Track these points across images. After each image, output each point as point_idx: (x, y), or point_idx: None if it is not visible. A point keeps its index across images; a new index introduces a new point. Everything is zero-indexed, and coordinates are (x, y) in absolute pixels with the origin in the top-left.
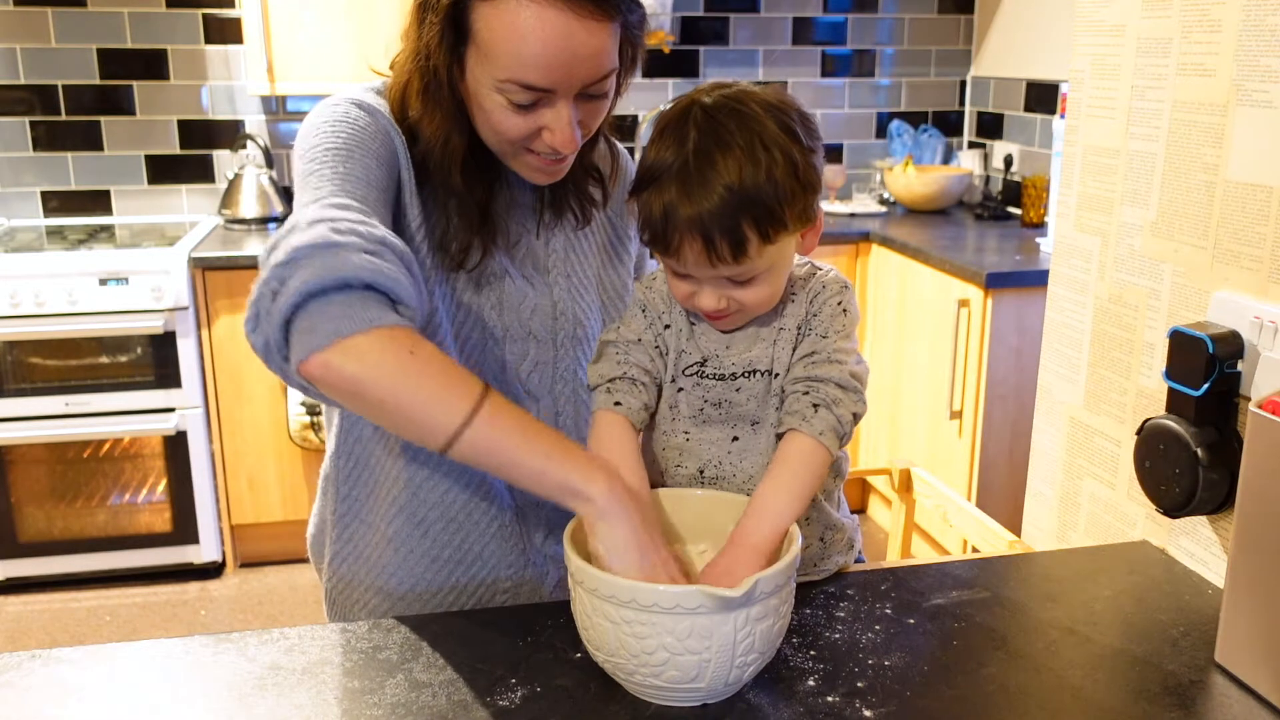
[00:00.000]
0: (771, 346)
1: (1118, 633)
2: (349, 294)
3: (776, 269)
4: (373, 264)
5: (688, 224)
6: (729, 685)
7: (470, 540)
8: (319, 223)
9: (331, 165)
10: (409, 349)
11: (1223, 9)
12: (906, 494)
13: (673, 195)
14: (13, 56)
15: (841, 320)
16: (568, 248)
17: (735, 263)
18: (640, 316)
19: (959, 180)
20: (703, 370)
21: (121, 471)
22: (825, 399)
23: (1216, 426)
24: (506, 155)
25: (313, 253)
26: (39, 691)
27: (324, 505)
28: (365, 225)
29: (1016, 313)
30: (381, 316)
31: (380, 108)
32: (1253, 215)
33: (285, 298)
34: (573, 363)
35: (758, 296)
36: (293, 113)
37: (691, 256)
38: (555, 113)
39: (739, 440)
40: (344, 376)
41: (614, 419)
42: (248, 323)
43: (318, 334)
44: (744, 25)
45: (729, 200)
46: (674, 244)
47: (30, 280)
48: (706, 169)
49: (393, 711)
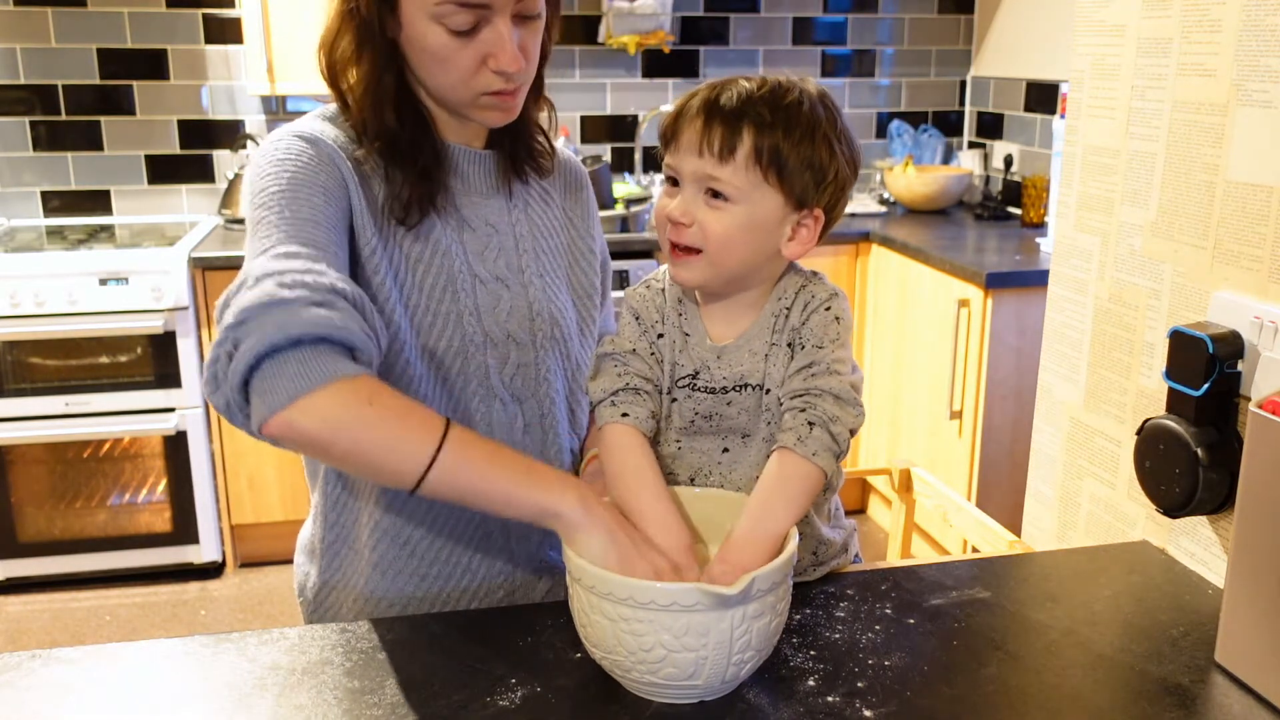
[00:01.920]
0: (763, 361)
1: (1117, 633)
2: (302, 350)
3: (747, 216)
4: (323, 317)
5: (697, 109)
6: (726, 683)
7: (456, 554)
8: (266, 278)
9: (277, 210)
10: (367, 399)
11: (1223, 9)
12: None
13: (701, 93)
14: (13, 56)
15: (835, 328)
16: (537, 248)
17: (719, 159)
18: (634, 324)
19: (959, 180)
20: (694, 383)
21: (121, 471)
22: (822, 417)
23: (1216, 426)
24: (460, 102)
25: (262, 312)
26: (39, 691)
27: (313, 533)
28: (313, 274)
29: (1016, 313)
30: (337, 369)
31: (325, 134)
32: (1253, 215)
33: (240, 360)
34: (553, 364)
35: (719, 226)
36: (292, 112)
37: (686, 137)
38: (495, 32)
39: (729, 452)
40: (306, 434)
41: (623, 430)
42: (206, 384)
43: (277, 394)
44: (744, 25)
45: (743, 102)
46: (678, 129)
47: (30, 280)
48: (737, 85)
49: (393, 711)
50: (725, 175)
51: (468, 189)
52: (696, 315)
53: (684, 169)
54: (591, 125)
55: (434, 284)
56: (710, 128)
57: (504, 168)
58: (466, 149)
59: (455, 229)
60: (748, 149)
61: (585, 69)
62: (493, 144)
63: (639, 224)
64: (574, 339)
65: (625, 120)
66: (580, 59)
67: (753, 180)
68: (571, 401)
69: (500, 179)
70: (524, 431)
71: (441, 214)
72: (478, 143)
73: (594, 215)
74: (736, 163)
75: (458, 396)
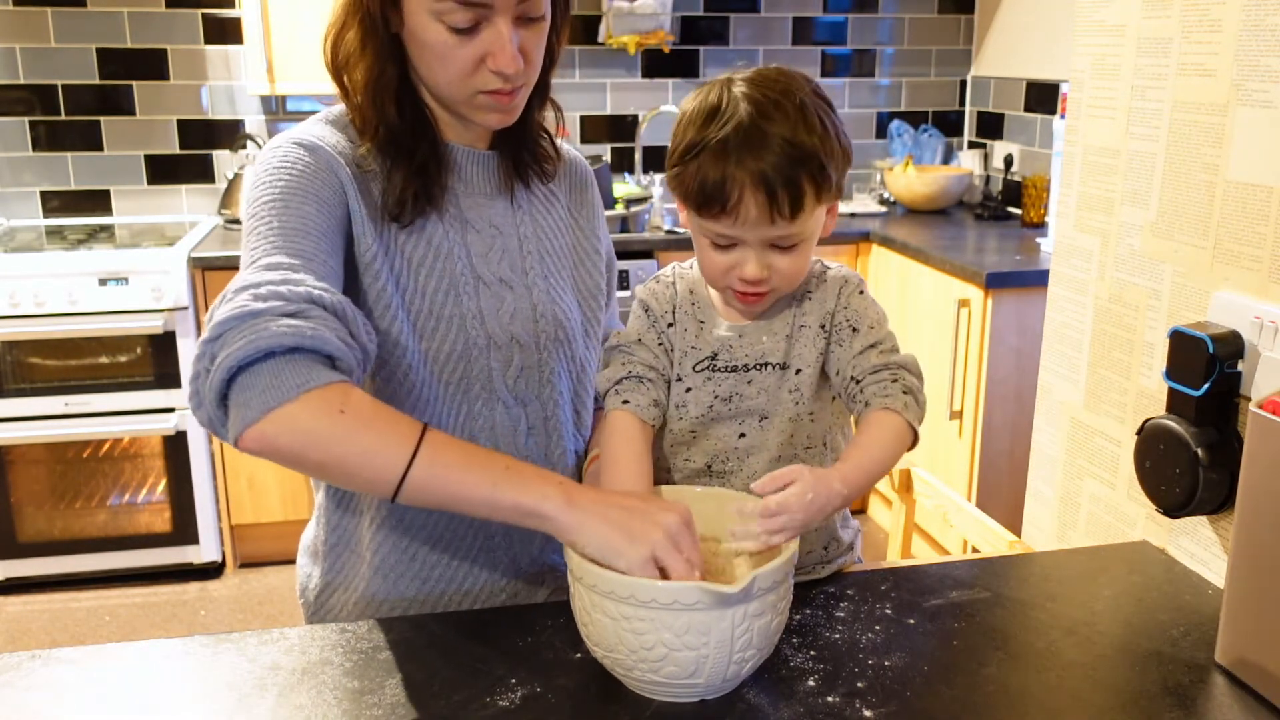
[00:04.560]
0: (785, 341)
1: (1118, 633)
2: (275, 361)
3: (812, 239)
4: (294, 326)
5: (751, 179)
6: (727, 681)
7: (458, 558)
8: (243, 291)
9: (267, 221)
10: (339, 408)
11: (1223, 9)
12: (906, 494)
13: (732, 155)
14: (13, 56)
15: (876, 309)
16: (542, 249)
17: (792, 219)
18: (643, 317)
19: (959, 180)
20: (714, 364)
21: (121, 471)
22: (912, 386)
23: (1216, 426)
24: (457, 100)
25: (235, 325)
26: (39, 691)
27: (315, 535)
28: (288, 285)
29: (1016, 313)
30: (309, 379)
31: (325, 139)
32: (1253, 215)
33: (215, 374)
34: (557, 366)
35: (795, 265)
36: (293, 113)
37: (753, 212)
38: (494, 32)
39: (746, 436)
40: (280, 446)
41: (621, 416)
42: (190, 399)
43: (250, 408)
44: (744, 25)
45: (790, 154)
46: (733, 201)
47: (30, 280)
48: (766, 127)
49: (393, 711)
50: (798, 227)
51: (471, 190)
52: (709, 302)
53: (750, 237)
54: (591, 125)
55: (436, 287)
56: (775, 197)
57: (507, 169)
58: (469, 149)
59: (458, 231)
60: (811, 195)
61: (585, 69)
62: (496, 146)
63: (639, 224)
64: (579, 340)
65: (625, 120)
66: (580, 59)
67: (817, 213)
68: (576, 403)
69: (504, 180)
70: (528, 434)
71: (444, 216)
72: (481, 144)
73: (599, 214)
74: (807, 209)
75: (461, 400)
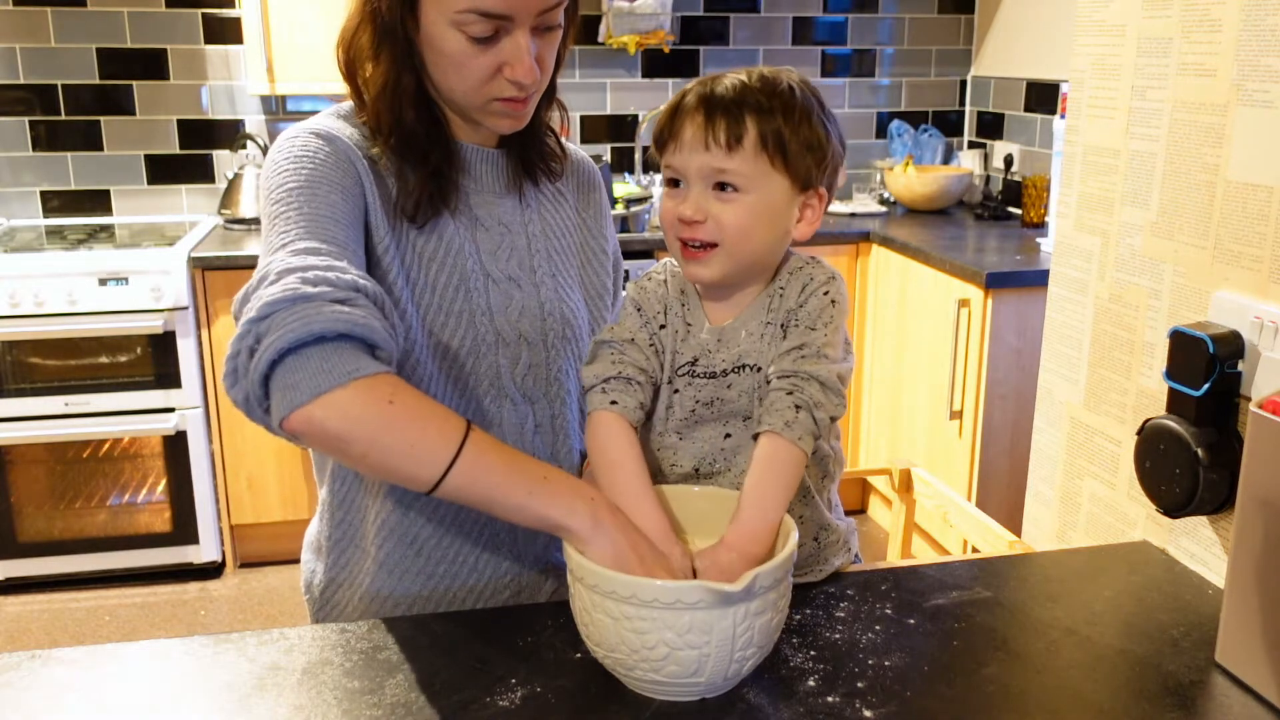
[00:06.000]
0: (759, 341)
1: (1118, 633)
2: (325, 346)
3: (759, 204)
4: (346, 314)
5: (696, 103)
6: (728, 679)
7: (463, 553)
8: (289, 273)
9: (296, 206)
10: (388, 398)
11: (1223, 9)
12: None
13: (693, 91)
14: (12, 56)
15: (830, 312)
16: (550, 248)
17: (727, 150)
18: (635, 315)
19: (959, 180)
20: (694, 369)
21: (121, 471)
22: (808, 401)
23: (1217, 426)
24: (471, 106)
25: (286, 307)
26: (39, 691)
27: (320, 530)
28: (335, 271)
29: (1016, 313)
30: (359, 367)
31: (340, 132)
32: (1253, 215)
33: (263, 354)
34: (565, 364)
35: (735, 220)
36: (292, 113)
37: (688, 133)
38: (514, 43)
39: (731, 436)
40: (327, 431)
41: (610, 419)
42: (226, 378)
43: (299, 390)
44: (744, 25)
45: (740, 92)
46: (677, 127)
47: (30, 280)
48: (727, 78)
49: (393, 711)
50: (734, 165)
51: (480, 188)
52: (698, 304)
53: (689, 166)
54: (591, 125)
55: (446, 282)
56: (713, 120)
57: (515, 168)
58: (479, 148)
59: (468, 228)
60: (753, 136)
61: (585, 69)
62: (504, 144)
63: (639, 224)
64: (586, 339)
65: (625, 120)
66: (580, 59)
67: (760, 168)
68: (583, 402)
69: (512, 178)
70: (535, 432)
71: (454, 213)
72: (490, 143)
73: (607, 215)
74: (744, 151)
75: (469, 396)
